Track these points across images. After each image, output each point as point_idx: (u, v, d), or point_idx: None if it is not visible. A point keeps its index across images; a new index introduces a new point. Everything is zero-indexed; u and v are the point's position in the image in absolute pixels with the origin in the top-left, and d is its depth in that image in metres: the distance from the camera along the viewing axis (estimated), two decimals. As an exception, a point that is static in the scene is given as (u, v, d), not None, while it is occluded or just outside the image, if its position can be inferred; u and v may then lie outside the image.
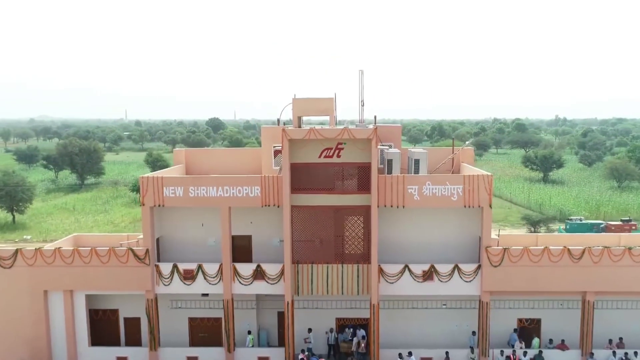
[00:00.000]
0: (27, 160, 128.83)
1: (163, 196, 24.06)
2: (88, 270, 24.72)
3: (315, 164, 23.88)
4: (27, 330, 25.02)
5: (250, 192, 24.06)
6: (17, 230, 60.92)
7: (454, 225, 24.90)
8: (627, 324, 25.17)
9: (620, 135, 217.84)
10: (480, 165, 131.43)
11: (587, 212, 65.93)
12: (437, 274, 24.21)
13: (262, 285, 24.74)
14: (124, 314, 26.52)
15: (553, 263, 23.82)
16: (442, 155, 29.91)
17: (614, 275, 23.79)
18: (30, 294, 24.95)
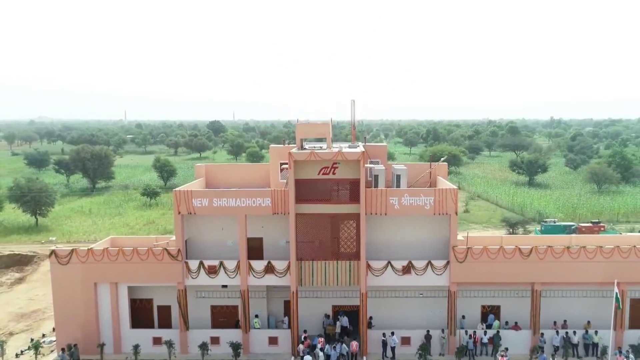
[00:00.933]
0: (37, 164, 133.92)
1: (193, 206, 29.70)
2: (130, 266, 30.34)
3: (315, 180, 29.52)
4: (80, 315, 30.63)
5: (263, 202, 29.72)
6: (42, 232, 66.42)
7: (427, 228, 30.57)
8: (568, 309, 30.87)
9: (610, 138, 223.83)
10: (472, 168, 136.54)
11: (564, 215, 71.63)
12: (414, 269, 29.87)
13: (272, 278, 30.37)
14: (158, 302, 32.15)
15: (507, 259, 29.51)
16: (421, 169, 35.66)
17: (556, 269, 29.48)
18: (82, 286, 30.57)
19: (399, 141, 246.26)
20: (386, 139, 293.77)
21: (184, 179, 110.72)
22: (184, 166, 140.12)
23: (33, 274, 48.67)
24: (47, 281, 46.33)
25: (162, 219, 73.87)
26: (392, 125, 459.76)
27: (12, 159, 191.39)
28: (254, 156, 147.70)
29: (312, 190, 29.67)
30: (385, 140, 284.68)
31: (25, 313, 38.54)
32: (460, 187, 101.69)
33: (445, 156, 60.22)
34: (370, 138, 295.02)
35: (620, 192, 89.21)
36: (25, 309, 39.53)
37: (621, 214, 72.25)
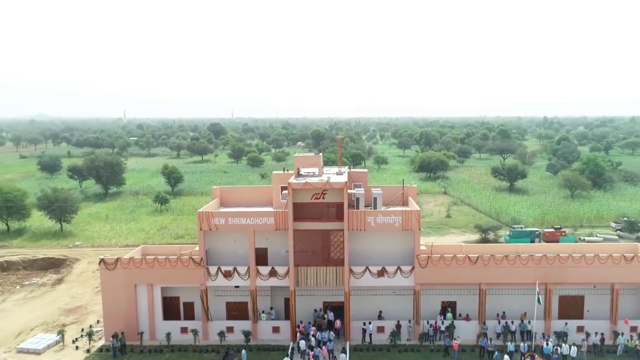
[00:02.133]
0: (49, 169, 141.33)
1: (213, 224, 37.79)
2: (162, 271, 38.43)
3: (308, 203, 37.59)
4: (123, 310, 38.70)
5: (267, 221, 37.82)
6: (67, 237, 74.37)
7: (397, 241, 38.67)
8: (508, 303, 39.04)
9: (596, 140, 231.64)
10: (461, 172, 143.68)
11: (534, 220, 79.80)
12: (387, 273, 37.99)
13: (275, 280, 38.47)
14: (184, 299, 40.23)
15: (459, 265, 37.67)
16: (395, 190, 43.82)
17: (497, 272, 37.65)
18: (125, 287, 38.65)
19: (394, 142, 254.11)
20: (382, 139, 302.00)
21: (190, 185, 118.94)
22: (188, 170, 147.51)
23: (69, 275, 56.62)
24: (83, 281, 54.73)
25: (173, 225, 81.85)
26: (388, 125, 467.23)
27: (21, 162, 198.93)
28: (255, 160, 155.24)
29: (307, 211, 37.74)
30: (380, 141, 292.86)
31: (71, 308, 46.56)
32: (445, 192, 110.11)
33: (413, 183, 68.18)
34: (368, 138, 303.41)
35: (590, 198, 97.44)
36: (70, 305, 47.54)
37: (585, 219, 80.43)
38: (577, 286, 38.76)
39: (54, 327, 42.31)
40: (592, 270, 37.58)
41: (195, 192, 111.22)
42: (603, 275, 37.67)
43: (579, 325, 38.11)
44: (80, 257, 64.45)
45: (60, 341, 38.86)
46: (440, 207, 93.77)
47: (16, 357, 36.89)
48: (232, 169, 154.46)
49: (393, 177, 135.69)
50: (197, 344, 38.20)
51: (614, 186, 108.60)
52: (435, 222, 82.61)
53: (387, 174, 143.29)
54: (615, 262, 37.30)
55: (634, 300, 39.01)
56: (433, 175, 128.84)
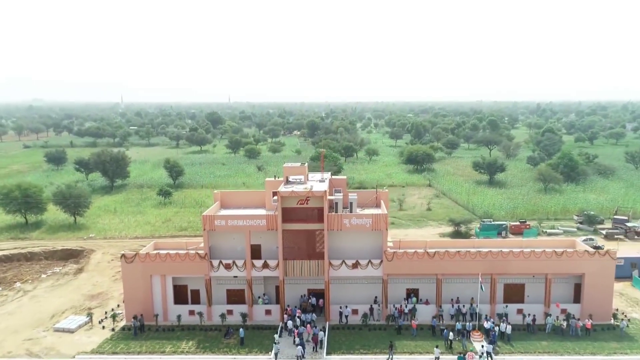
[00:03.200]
0: (56, 162, 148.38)
1: (215, 225, 45.41)
2: (173, 264, 46.12)
3: (295, 208, 45.16)
4: (140, 296, 46.46)
5: (260, 222, 45.43)
6: (81, 230, 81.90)
7: (368, 239, 46.32)
8: (460, 290, 46.87)
9: (582, 130, 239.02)
10: (448, 163, 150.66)
11: (505, 213, 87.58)
12: (360, 265, 45.75)
13: (267, 271, 46.20)
14: (191, 287, 47.96)
15: (419, 259, 45.46)
16: (369, 195, 51.42)
17: (451, 265, 45.43)
18: (142, 277, 46.35)
19: (388, 130, 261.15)
20: (376, 128, 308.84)
21: (190, 178, 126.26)
22: (188, 162, 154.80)
23: (88, 265, 64.34)
24: (101, 270, 62.53)
25: (177, 217, 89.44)
26: (383, 113, 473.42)
27: (26, 152, 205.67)
28: (251, 152, 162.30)
29: (293, 214, 45.35)
30: (374, 130, 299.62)
31: (94, 294, 54.34)
32: (430, 185, 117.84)
33: (386, 187, 75.68)
34: (362, 127, 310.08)
35: (561, 191, 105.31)
36: (92, 291, 55.32)
37: (552, 212, 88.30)
38: (518, 276, 46.59)
39: (82, 310, 50.13)
40: (529, 263, 45.43)
41: (195, 185, 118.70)
42: (539, 267, 45.52)
43: (519, 308, 46.07)
44: (95, 248, 72.14)
45: (89, 322, 46.70)
46: (423, 199, 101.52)
47: (54, 335, 44.71)
48: (230, 161, 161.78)
49: (383, 169, 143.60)
50: (203, 324, 46.05)
51: (587, 179, 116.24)
52: (416, 214, 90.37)
53: (378, 165, 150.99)
54: (548, 257, 45.15)
55: (565, 288, 46.89)
56: (419, 168, 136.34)
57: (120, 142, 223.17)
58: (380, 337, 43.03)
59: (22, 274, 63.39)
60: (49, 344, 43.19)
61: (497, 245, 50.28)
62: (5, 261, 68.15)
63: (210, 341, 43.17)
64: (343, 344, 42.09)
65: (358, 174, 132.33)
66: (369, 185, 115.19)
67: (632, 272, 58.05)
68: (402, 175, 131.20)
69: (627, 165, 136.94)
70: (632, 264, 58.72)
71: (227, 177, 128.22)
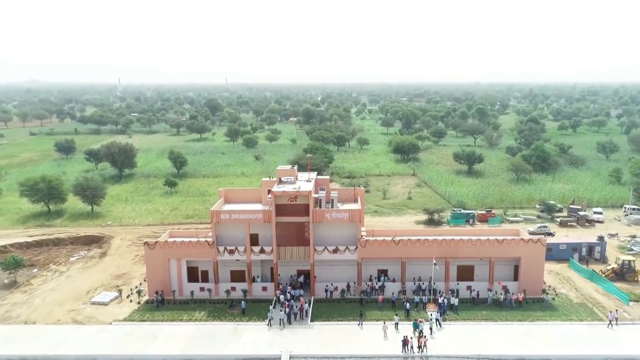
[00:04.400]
0: (65, 151, 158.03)
1: (221, 218, 55.74)
2: (187, 249, 56.55)
3: (286, 204, 55.41)
4: (160, 276, 56.94)
5: (258, 216, 55.76)
6: (99, 218, 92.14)
7: (346, 229, 56.66)
8: (421, 271, 57.42)
9: (566, 118, 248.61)
10: (434, 152, 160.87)
11: (476, 202, 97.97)
12: (339, 250, 56.21)
13: (263, 255, 56.68)
14: (201, 268, 58.42)
15: (387, 245, 55.95)
16: (348, 192, 61.75)
17: (413, 250, 55.94)
18: (161, 260, 56.79)
19: (382, 117, 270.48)
20: (370, 114, 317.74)
21: (193, 167, 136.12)
22: (190, 151, 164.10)
23: (110, 250, 74.76)
24: (121, 254, 72.95)
25: (183, 206, 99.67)
26: (379, 97, 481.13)
27: (33, 140, 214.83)
28: (249, 142, 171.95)
29: (284, 210, 55.61)
30: (368, 116, 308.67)
31: (119, 275, 64.83)
32: (414, 174, 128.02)
33: (361, 186, 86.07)
34: (357, 113, 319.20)
35: (531, 181, 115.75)
36: (117, 272, 65.79)
37: (518, 201, 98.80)
38: (468, 259, 57.12)
39: (110, 287, 60.66)
40: (477, 249, 55.99)
41: (198, 175, 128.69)
42: (484, 252, 56.08)
43: (468, 285, 56.70)
44: (114, 234, 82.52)
45: (119, 297, 57.29)
46: (406, 188, 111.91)
47: (92, 307, 55.30)
48: (229, 150, 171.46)
49: (372, 158, 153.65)
50: (211, 298, 56.63)
51: (558, 170, 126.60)
52: (397, 203, 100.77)
53: (368, 154, 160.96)
54: (491, 244, 55.71)
55: (506, 268, 57.47)
56: (406, 157, 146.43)
57: (123, 129, 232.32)
58: (355, 308, 53.66)
59: (52, 257, 73.74)
60: (88, 314, 53.79)
61: (460, 233, 60.94)
62: (36, 246, 78.48)
63: (218, 312, 53.77)
64: (324, 314, 52.75)
65: (349, 163, 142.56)
66: (358, 174, 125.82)
67: (573, 255, 68.77)
68: (389, 164, 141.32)
69: (598, 156, 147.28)
70: (573, 249, 69.45)
71: (227, 167, 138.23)
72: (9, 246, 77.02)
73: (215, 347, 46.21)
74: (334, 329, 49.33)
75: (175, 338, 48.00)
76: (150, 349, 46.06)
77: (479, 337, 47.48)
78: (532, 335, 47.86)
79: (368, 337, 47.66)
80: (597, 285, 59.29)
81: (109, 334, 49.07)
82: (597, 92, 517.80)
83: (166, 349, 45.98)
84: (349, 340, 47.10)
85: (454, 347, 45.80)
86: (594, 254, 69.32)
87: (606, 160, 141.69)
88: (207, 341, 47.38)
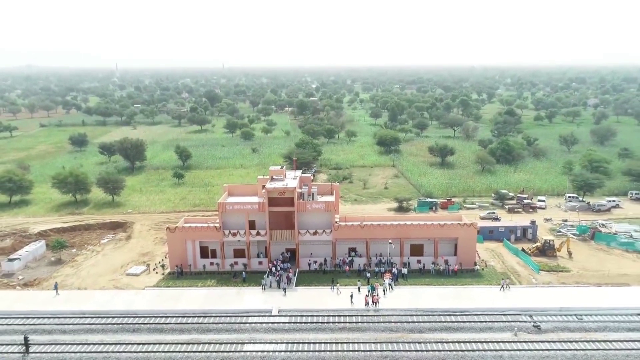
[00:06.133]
0: (79, 144, 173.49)
1: (226, 208, 71.99)
2: (200, 232, 72.87)
3: (276, 197, 71.57)
4: (179, 253, 73.26)
5: (255, 207, 72.02)
6: (119, 207, 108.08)
7: (323, 216, 72.83)
8: (382, 248, 73.74)
9: (546, 108, 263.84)
10: (415, 144, 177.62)
11: (441, 192, 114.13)
12: (317, 233, 72.56)
13: (259, 237, 73.03)
14: (210, 247, 74.65)
15: (355, 229, 72.35)
16: (326, 187, 77.98)
17: (375, 232, 72.33)
18: (180, 241, 73.11)
19: (373, 107, 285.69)
20: (361, 104, 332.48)
21: (197, 160, 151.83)
22: (192, 143, 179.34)
23: (133, 233, 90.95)
24: (143, 237, 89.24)
25: (190, 195, 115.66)
26: (372, 85, 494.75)
27: (44, 132, 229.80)
28: (246, 135, 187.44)
29: (275, 202, 71.74)
30: (360, 106, 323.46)
31: (144, 253, 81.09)
32: (394, 165, 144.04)
33: (338, 182, 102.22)
34: (349, 102, 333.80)
35: (494, 172, 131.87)
36: (142, 251, 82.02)
37: (477, 191, 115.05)
38: (418, 239, 73.48)
39: (139, 262, 76.95)
40: (424, 231, 72.35)
41: (202, 167, 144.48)
42: (430, 233, 72.44)
43: (418, 259, 73.19)
44: (134, 220, 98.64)
45: (147, 269, 73.67)
46: (385, 179, 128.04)
47: (127, 277, 71.63)
48: (228, 142, 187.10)
49: (358, 150, 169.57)
50: (219, 270, 72.99)
51: (520, 162, 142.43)
52: (375, 192, 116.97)
53: (354, 146, 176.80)
54: (435, 228, 72.09)
55: (448, 246, 73.80)
56: (388, 150, 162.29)
57: (128, 120, 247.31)
58: (329, 277, 70.10)
59: (85, 240, 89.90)
60: (125, 282, 70.19)
61: (412, 218, 77.33)
62: (70, 231, 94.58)
63: (224, 280, 70.14)
64: (306, 281, 69.18)
65: (336, 155, 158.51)
66: (344, 166, 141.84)
67: (510, 236, 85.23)
68: (373, 156, 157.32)
69: (561, 148, 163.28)
70: (510, 231, 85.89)
71: (226, 159, 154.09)
72: (49, 231, 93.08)
73: (224, 305, 62.56)
74: (313, 292, 65.76)
75: (193, 299, 64.40)
76: (177, 305, 62.47)
77: (420, 297, 63.96)
78: (459, 295, 64.37)
79: (337, 297, 64.08)
80: (519, 259, 75.92)
81: (143, 296, 65.48)
82: (584, 79, 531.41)
83: (188, 306, 62.38)
84: (323, 300, 63.52)
85: (400, 303, 62.22)
86: (527, 235, 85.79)
87: (567, 152, 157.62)
88: (217, 300, 63.79)
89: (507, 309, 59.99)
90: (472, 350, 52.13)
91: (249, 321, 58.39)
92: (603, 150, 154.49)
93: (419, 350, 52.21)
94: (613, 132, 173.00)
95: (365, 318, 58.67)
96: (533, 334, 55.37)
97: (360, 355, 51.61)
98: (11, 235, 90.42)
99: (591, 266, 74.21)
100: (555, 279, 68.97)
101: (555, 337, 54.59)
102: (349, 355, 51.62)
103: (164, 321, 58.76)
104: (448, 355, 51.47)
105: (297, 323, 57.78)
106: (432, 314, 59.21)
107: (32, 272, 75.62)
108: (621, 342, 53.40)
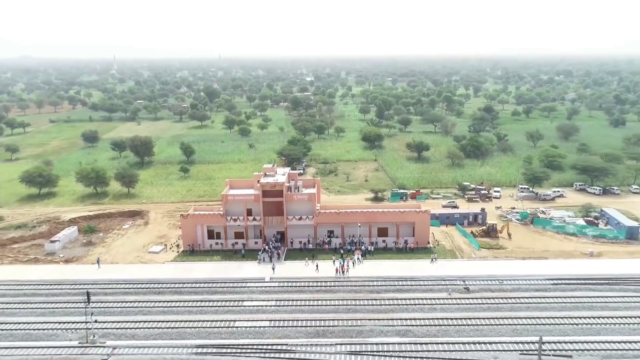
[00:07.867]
0: (91, 140, 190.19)
1: (228, 199, 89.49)
2: (208, 218, 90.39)
3: (269, 190, 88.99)
4: (190, 235, 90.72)
5: (252, 198, 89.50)
6: (135, 198, 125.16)
7: (306, 205, 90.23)
8: (354, 231, 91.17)
9: (525, 103, 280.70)
10: (397, 139, 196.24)
11: (413, 184, 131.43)
12: (302, 219, 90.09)
13: (255, 222, 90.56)
14: (216, 230, 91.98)
15: (332, 215, 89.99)
16: (310, 181, 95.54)
17: (350, 218, 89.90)
18: (191, 226, 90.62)
19: (363, 101, 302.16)
20: (353, 99, 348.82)
21: (200, 155, 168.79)
22: (194, 139, 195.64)
23: (149, 220, 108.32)
24: (158, 223, 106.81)
25: (195, 187, 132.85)
26: (366, 78, 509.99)
27: (55, 128, 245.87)
28: (244, 131, 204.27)
29: (268, 194, 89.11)
30: (351, 101, 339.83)
31: (160, 236, 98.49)
32: (376, 160, 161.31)
33: (324, 175, 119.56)
34: (341, 97, 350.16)
35: (463, 166, 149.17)
36: (159, 234, 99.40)
37: (444, 183, 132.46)
38: (383, 223, 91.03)
39: (158, 243, 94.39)
40: (388, 217, 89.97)
41: (204, 161, 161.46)
42: (393, 219, 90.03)
43: (383, 239, 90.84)
44: (149, 209, 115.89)
45: (164, 248, 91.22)
46: (366, 172, 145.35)
47: (149, 255, 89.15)
48: (227, 137, 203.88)
49: (345, 145, 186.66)
50: (223, 249, 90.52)
51: (488, 156, 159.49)
52: (356, 185, 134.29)
53: (342, 142, 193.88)
54: (396, 214, 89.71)
55: (407, 229, 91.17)
56: (372, 145, 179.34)
57: (132, 116, 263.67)
58: (310, 253, 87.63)
59: (109, 225, 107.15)
60: (148, 258, 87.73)
61: (379, 207, 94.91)
62: (95, 218, 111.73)
63: (228, 256, 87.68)
64: (292, 257, 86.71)
65: (325, 150, 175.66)
66: (331, 160, 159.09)
67: (463, 221, 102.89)
68: (358, 151, 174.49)
69: (528, 143, 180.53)
70: (463, 216, 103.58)
71: (226, 154, 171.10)
72: (77, 218, 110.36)
73: (227, 274, 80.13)
74: (297, 265, 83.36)
75: (203, 270, 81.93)
76: (191, 275, 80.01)
77: (380, 268, 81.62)
78: (411, 266, 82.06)
79: (316, 268, 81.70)
80: (466, 239, 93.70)
81: (164, 269, 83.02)
82: (570, 72, 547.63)
83: (200, 275, 79.93)
84: (305, 270, 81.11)
85: (364, 272, 79.86)
86: (478, 220, 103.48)
87: (533, 148, 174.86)
88: (222, 271, 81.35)
89: (447, 276, 77.79)
90: (414, 305, 69.95)
91: (247, 286, 76.09)
92: (565, 146, 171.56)
93: (375, 305, 70.00)
94: (577, 129, 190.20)
95: (337, 283, 76.42)
96: (463, 293, 73.20)
97: (331, 308, 69.34)
98: (47, 222, 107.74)
99: (525, 245, 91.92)
100: (491, 254, 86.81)
101: (479, 296, 72.42)
102: (322, 308, 69.33)
103: (181, 286, 76.37)
104: (396, 307, 69.30)
105: (284, 287, 75.50)
106: (388, 280, 76.96)
107: (69, 251, 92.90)
108: (527, 299, 71.30)
